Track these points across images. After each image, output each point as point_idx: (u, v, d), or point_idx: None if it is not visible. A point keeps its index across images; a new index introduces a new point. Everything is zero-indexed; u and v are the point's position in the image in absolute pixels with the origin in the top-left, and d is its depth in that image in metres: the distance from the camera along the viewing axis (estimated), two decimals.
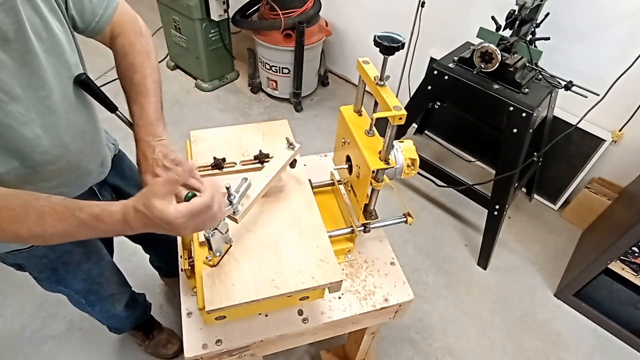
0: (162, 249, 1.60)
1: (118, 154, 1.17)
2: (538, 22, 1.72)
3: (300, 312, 1.01)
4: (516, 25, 1.62)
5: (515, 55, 1.70)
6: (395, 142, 1.00)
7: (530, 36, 1.72)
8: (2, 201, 0.66)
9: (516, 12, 1.60)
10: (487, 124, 2.06)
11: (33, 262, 1.01)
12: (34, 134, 0.77)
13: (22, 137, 0.75)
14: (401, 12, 2.42)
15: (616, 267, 1.72)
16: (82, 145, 0.90)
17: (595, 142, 2.07)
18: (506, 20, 1.64)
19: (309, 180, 1.06)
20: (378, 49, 0.88)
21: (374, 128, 1.02)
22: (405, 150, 1.01)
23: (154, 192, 0.64)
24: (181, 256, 1.04)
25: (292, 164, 1.04)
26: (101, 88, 0.93)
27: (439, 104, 2.08)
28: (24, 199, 0.68)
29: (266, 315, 1.00)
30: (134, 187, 1.20)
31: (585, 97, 1.62)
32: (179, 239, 1.12)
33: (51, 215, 0.66)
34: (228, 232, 0.85)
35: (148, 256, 1.73)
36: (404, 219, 1.12)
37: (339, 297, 1.05)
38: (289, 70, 2.78)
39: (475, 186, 2.00)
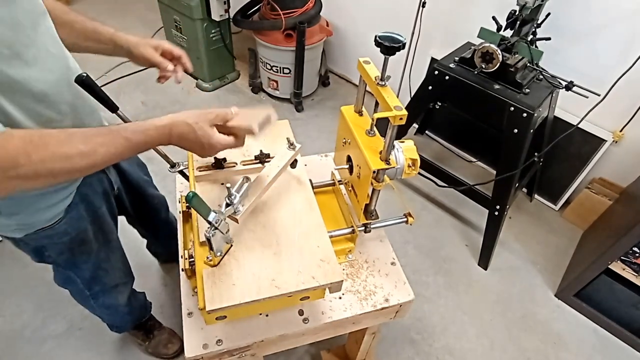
0: (162, 232, 1.62)
1: None
2: (539, 22, 1.72)
3: (300, 312, 1.01)
4: (517, 25, 1.62)
5: (516, 55, 1.70)
6: (396, 142, 1.00)
7: (531, 36, 1.72)
8: (46, 133, 0.68)
9: (517, 13, 1.60)
10: (488, 124, 2.06)
11: (55, 241, 1.02)
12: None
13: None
14: (402, 12, 2.42)
15: (617, 267, 1.72)
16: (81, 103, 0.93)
17: (596, 142, 2.07)
18: (507, 20, 1.64)
19: (310, 180, 1.06)
20: (379, 49, 0.88)
21: (374, 128, 1.02)
22: (406, 151, 1.01)
23: (207, 119, 0.81)
24: (181, 256, 1.04)
25: (293, 164, 1.04)
26: (102, 88, 0.93)
27: (439, 104, 2.08)
28: (67, 130, 0.71)
29: (267, 315, 1.00)
30: (136, 168, 1.33)
31: (586, 97, 1.62)
32: (179, 231, 1.12)
33: (95, 135, 0.71)
34: (229, 232, 0.85)
35: (148, 254, 1.73)
36: (405, 219, 1.12)
37: (340, 297, 1.05)
38: (290, 70, 2.78)
39: (476, 186, 2.00)
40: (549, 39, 1.73)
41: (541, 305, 1.95)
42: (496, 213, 1.91)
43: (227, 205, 0.84)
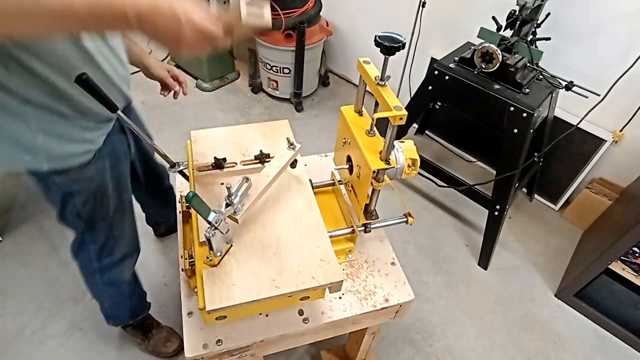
0: (167, 199, 1.72)
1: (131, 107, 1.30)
2: (539, 22, 1.72)
3: (300, 312, 1.01)
4: (517, 25, 1.62)
5: (516, 55, 1.70)
6: (396, 142, 1.01)
7: (531, 36, 1.72)
8: None
9: (517, 13, 1.60)
10: (488, 124, 2.06)
11: (82, 186, 1.07)
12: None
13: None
14: (402, 12, 2.42)
15: (617, 267, 1.72)
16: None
17: (596, 142, 2.07)
18: (507, 20, 1.64)
19: (310, 180, 1.06)
20: (379, 49, 0.88)
21: (374, 128, 1.02)
22: (406, 151, 1.01)
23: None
24: (181, 256, 1.04)
25: (293, 164, 1.04)
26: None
27: (439, 104, 2.08)
28: None
29: (267, 315, 1.00)
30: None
31: (586, 97, 1.62)
32: (179, 231, 1.12)
33: None
34: (229, 232, 0.85)
35: (148, 253, 1.76)
36: (405, 219, 1.12)
37: (340, 297, 1.05)
38: (290, 70, 2.78)
39: (476, 186, 2.00)
40: (549, 39, 1.73)
41: (541, 305, 1.95)
42: (496, 213, 1.91)
43: (227, 205, 0.84)
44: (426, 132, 2.77)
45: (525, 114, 1.64)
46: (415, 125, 2.73)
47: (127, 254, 1.37)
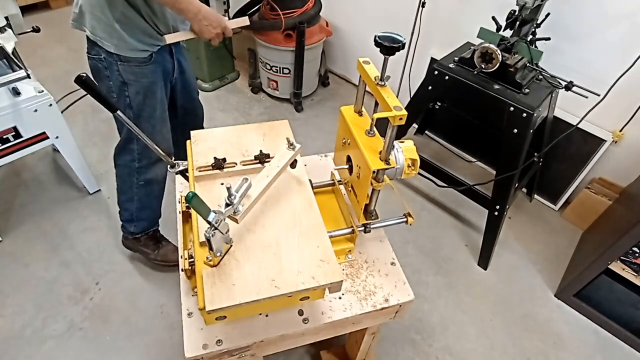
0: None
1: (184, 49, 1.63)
2: (538, 22, 1.72)
3: (300, 312, 1.01)
4: (517, 25, 1.62)
5: (516, 55, 1.70)
6: (395, 142, 1.01)
7: (531, 36, 1.72)
8: None
9: (517, 13, 1.60)
10: (488, 124, 2.06)
11: (138, 78, 1.39)
12: None
13: None
14: (402, 13, 2.42)
15: (617, 267, 1.72)
16: None
17: (596, 142, 2.07)
18: (507, 20, 1.64)
19: (310, 181, 1.06)
20: (378, 49, 0.88)
21: (374, 128, 1.02)
22: (405, 151, 1.01)
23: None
24: (181, 256, 1.04)
25: (293, 164, 1.04)
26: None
27: (439, 104, 2.08)
28: None
29: (266, 316, 1.00)
30: (189, 73, 1.68)
31: (586, 97, 1.62)
32: (179, 231, 1.12)
33: None
34: (228, 232, 0.85)
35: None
36: (405, 219, 1.12)
37: (340, 297, 1.05)
38: (290, 71, 2.78)
39: (476, 186, 2.00)
40: (548, 39, 1.73)
41: (541, 305, 1.95)
42: (496, 213, 1.91)
43: (227, 205, 0.84)
44: (426, 132, 2.77)
45: (525, 114, 1.64)
46: (415, 125, 2.74)
47: (158, 160, 1.57)
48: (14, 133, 1.78)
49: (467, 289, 1.99)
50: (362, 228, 1.10)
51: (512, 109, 1.66)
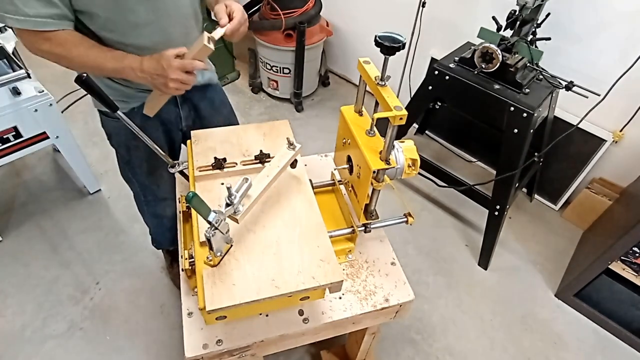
0: None
1: (214, 86, 1.39)
2: (539, 22, 1.72)
3: (300, 312, 1.01)
4: (517, 25, 1.62)
5: (516, 55, 1.70)
6: (396, 142, 1.00)
7: (531, 36, 1.72)
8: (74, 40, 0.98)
9: (517, 13, 1.60)
10: (488, 124, 2.06)
11: (116, 132, 1.28)
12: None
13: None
14: (402, 12, 2.42)
15: (617, 267, 1.72)
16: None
17: (596, 142, 2.07)
18: (507, 20, 1.64)
19: (310, 180, 1.06)
20: (379, 49, 0.88)
21: (374, 128, 1.02)
22: (406, 151, 1.01)
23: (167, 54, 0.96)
24: (181, 256, 1.04)
25: (293, 164, 1.04)
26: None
27: (439, 104, 2.08)
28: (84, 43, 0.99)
29: (267, 315, 1.00)
30: (219, 118, 1.41)
31: (586, 97, 1.62)
32: (179, 231, 1.12)
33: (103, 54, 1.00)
34: (229, 232, 0.85)
35: (149, 253, 1.81)
36: (405, 219, 1.12)
37: (340, 297, 1.05)
38: (290, 70, 2.78)
39: (476, 186, 2.00)
40: (549, 39, 1.72)
41: (541, 305, 1.95)
42: (496, 213, 1.91)
43: (227, 205, 0.84)
44: (426, 132, 2.77)
45: (525, 114, 1.64)
46: (415, 125, 2.73)
47: (167, 198, 1.48)
48: (14, 133, 1.78)
49: (467, 289, 1.99)
50: (362, 228, 1.10)
51: (512, 108, 1.66)
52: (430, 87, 1.90)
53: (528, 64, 1.73)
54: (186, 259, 0.96)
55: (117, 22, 1.00)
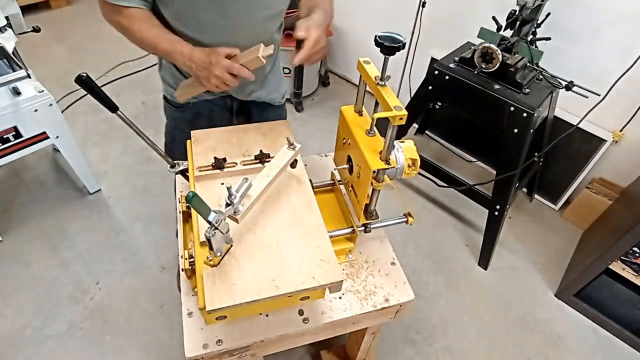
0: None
1: (276, 107, 1.40)
2: (539, 22, 1.72)
3: (300, 312, 1.01)
4: (517, 25, 1.62)
5: (516, 55, 1.70)
6: (396, 142, 1.00)
7: (531, 36, 1.72)
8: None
9: (517, 13, 1.60)
10: (488, 124, 2.06)
11: (171, 117, 1.37)
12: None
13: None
14: (402, 12, 2.42)
15: (617, 267, 1.72)
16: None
17: (596, 142, 2.07)
18: (507, 20, 1.64)
19: (310, 180, 1.06)
20: (379, 49, 0.88)
21: (374, 128, 1.02)
22: (406, 150, 1.01)
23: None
24: (181, 256, 1.04)
25: (293, 164, 1.04)
26: (102, 88, 0.94)
27: (439, 104, 2.08)
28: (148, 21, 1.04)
29: (267, 315, 1.00)
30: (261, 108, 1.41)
31: (586, 97, 1.62)
32: (179, 231, 1.12)
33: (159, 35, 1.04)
34: (229, 232, 0.85)
35: (149, 254, 1.75)
36: (405, 219, 1.12)
37: (340, 297, 1.05)
38: (290, 70, 2.78)
39: (476, 186, 2.00)
40: (549, 39, 1.73)
41: (541, 305, 1.95)
42: (496, 213, 1.91)
43: (227, 205, 0.84)
44: (426, 132, 2.77)
45: (525, 114, 1.64)
46: (415, 125, 2.73)
47: None
48: (14, 133, 1.78)
49: (467, 289, 1.99)
50: (363, 228, 1.10)
51: (512, 108, 1.66)
52: (430, 87, 1.90)
53: (528, 64, 1.74)
54: (186, 259, 0.96)
55: (186, 15, 1.05)
